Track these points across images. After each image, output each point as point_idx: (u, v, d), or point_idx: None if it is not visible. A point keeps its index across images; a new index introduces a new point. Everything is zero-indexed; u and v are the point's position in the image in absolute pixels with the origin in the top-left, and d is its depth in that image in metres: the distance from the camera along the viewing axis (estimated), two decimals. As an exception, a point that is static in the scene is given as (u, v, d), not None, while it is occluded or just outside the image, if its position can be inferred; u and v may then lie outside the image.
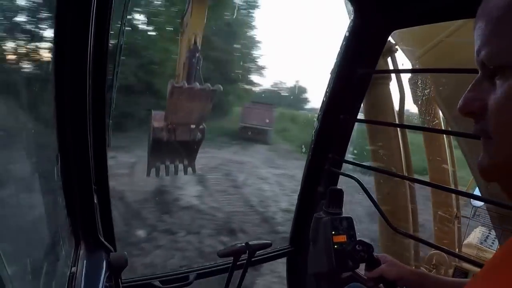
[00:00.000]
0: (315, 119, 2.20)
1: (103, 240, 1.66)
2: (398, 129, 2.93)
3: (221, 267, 2.11)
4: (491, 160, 0.68)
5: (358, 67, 2.02)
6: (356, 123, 2.22)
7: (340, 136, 2.14)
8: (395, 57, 3.12)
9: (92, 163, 1.53)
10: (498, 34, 0.63)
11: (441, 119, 3.42)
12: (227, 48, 21.75)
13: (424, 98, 3.32)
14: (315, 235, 2.04)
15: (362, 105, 2.18)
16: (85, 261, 1.57)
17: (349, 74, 2.04)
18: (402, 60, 3.15)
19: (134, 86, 16.49)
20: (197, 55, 8.85)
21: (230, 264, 1.91)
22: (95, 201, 1.60)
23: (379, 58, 2.04)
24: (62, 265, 1.68)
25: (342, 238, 1.96)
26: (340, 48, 2.06)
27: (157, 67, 18.27)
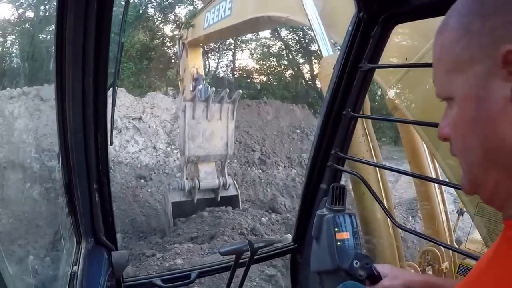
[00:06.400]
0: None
1: (104, 238, 1.66)
2: (364, 121, 3.01)
3: (223, 265, 2.10)
4: (464, 177, 0.77)
5: (361, 62, 2.00)
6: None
7: (343, 132, 2.12)
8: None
9: (93, 161, 1.53)
10: (439, 71, 0.75)
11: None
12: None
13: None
14: (318, 233, 2.02)
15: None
16: (86, 260, 1.57)
17: (352, 69, 2.02)
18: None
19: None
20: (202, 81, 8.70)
21: (232, 263, 1.90)
22: (97, 200, 1.59)
23: (382, 53, 2.02)
24: (63, 264, 1.68)
25: (345, 235, 1.95)
26: (343, 43, 2.04)
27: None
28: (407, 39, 3.09)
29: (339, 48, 3.31)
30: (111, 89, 1.58)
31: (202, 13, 8.42)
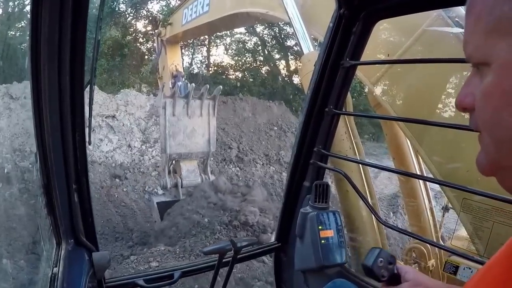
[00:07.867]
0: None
1: (84, 239, 1.63)
2: (346, 117, 3.03)
3: (206, 264, 2.08)
4: (485, 155, 0.68)
5: (343, 59, 2.00)
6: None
7: (326, 129, 2.12)
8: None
9: (71, 161, 1.50)
10: (476, 32, 0.64)
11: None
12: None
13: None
14: (302, 231, 2.02)
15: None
16: (66, 261, 1.55)
17: (334, 66, 2.02)
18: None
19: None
20: (182, 78, 8.46)
21: (216, 262, 1.89)
22: (76, 200, 1.56)
23: (363, 49, 2.02)
24: (43, 266, 1.64)
25: (329, 233, 1.95)
26: (324, 40, 2.04)
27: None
28: (389, 36, 3.11)
29: (318, 44, 3.34)
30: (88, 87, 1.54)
31: (180, 9, 8.34)
